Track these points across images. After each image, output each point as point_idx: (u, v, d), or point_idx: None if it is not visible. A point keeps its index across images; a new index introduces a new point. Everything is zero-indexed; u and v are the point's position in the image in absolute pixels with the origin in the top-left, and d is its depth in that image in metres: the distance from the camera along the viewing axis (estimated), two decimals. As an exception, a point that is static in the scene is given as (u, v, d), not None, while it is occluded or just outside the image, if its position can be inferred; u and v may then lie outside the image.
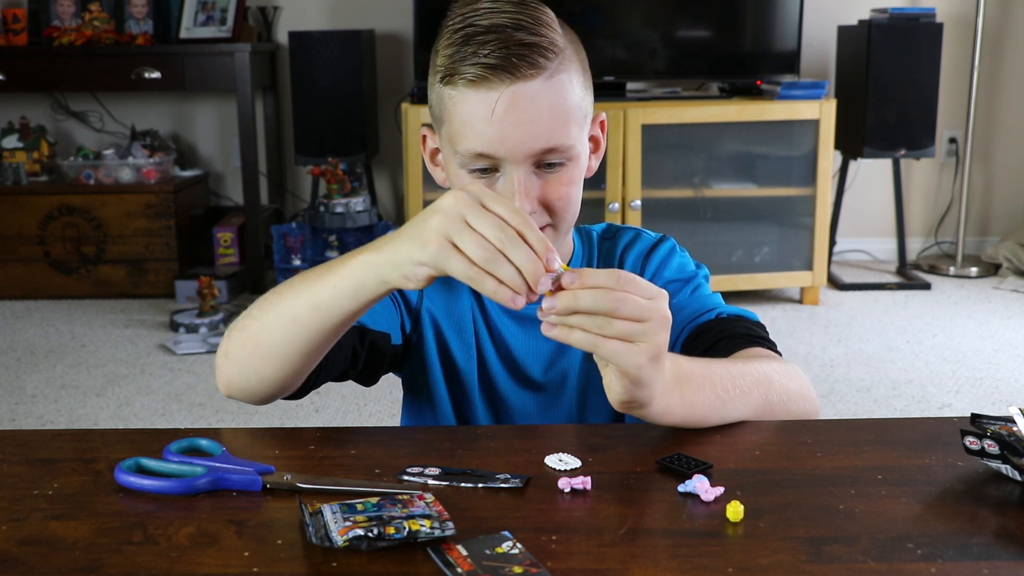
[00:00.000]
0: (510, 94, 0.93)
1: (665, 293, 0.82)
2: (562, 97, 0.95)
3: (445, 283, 1.08)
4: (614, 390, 0.84)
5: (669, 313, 0.82)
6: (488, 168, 0.97)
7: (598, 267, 1.12)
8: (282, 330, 0.90)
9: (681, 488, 0.77)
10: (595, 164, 1.05)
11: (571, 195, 0.99)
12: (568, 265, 1.07)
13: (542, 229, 0.98)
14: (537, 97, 0.93)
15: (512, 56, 0.92)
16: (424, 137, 1.08)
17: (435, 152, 1.07)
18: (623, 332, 0.79)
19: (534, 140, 0.94)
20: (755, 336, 1.05)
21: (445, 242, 0.78)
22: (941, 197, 4.45)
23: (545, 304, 0.79)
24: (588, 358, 1.07)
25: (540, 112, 0.94)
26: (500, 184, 0.97)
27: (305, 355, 0.91)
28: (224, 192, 4.46)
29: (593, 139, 1.04)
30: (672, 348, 0.98)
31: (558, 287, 0.79)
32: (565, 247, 1.10)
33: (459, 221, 0.77)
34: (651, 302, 0.80)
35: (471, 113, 0.94)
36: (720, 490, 0.77)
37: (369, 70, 4.02)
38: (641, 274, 1.08)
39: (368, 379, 1.07)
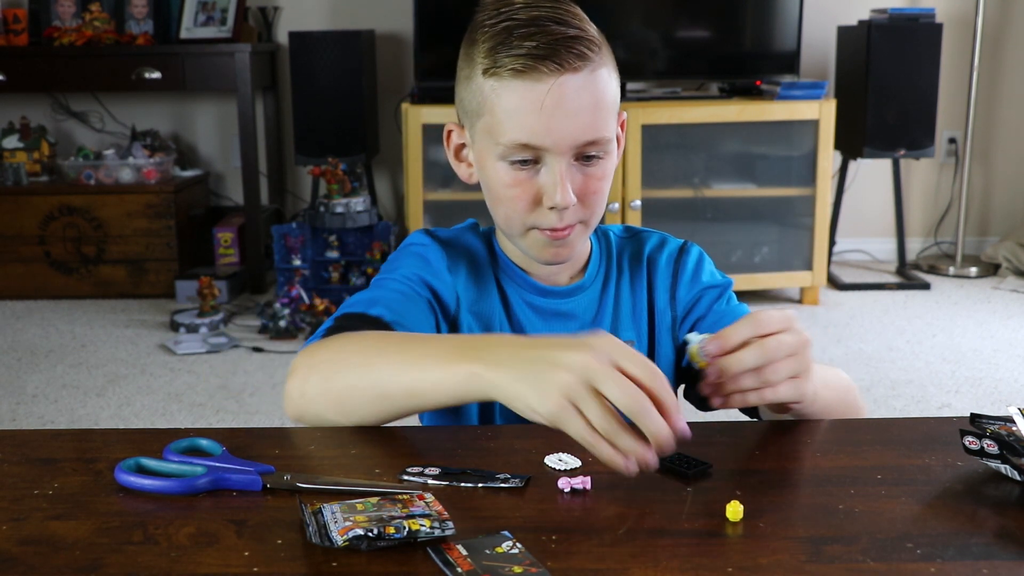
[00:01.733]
0: (559, 85, 0.94)
1: (794, 316, 0.85)
2: (603, 90, 0.97)
3: (474, 280, 1.08)
4: (780, 412, 0.91)
5: (807, 334, 0.85)
6: (529, 160, 0.97)
7: (624, 267, 1.12)
8: (371, 403, 0.88)
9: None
10: (616, 160, 1.06)
11: (604, 190, 1.01)
12: (587, 263, 1.08)
13: (574, 225, 1.00)
14: (583, 89, 0.95)
15: (560, 47, 0.93)
16: (449, 132, 1.07)
17: (460, 148, 1.07)
18: (791, 372, 0.83)
19: (580, 132, 0.95)
20: None
21: (567, 404, 0.74)
22: (941, 197, 4.45)
23: (711, 377, 0.83)
24: None
25: (585, 104, 0.95)
26: (541, 177, 0.98)
27: (386, 422, 0.91)
28: (224, 192, 4.46)
29: (616, 137, 1.05)
30: None
31: (711, 359, 0.83)
32: (583, 246, 1.10)
33: (586, 387, 0.73)
34: (793, 334, 0.83)
35: (518, 104, 0.95)
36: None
37: (369, 70, 4.02)
38: (675, 279, 1.11)
39: None
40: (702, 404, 1.08)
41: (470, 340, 0.88)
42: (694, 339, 0.86)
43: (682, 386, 1.13)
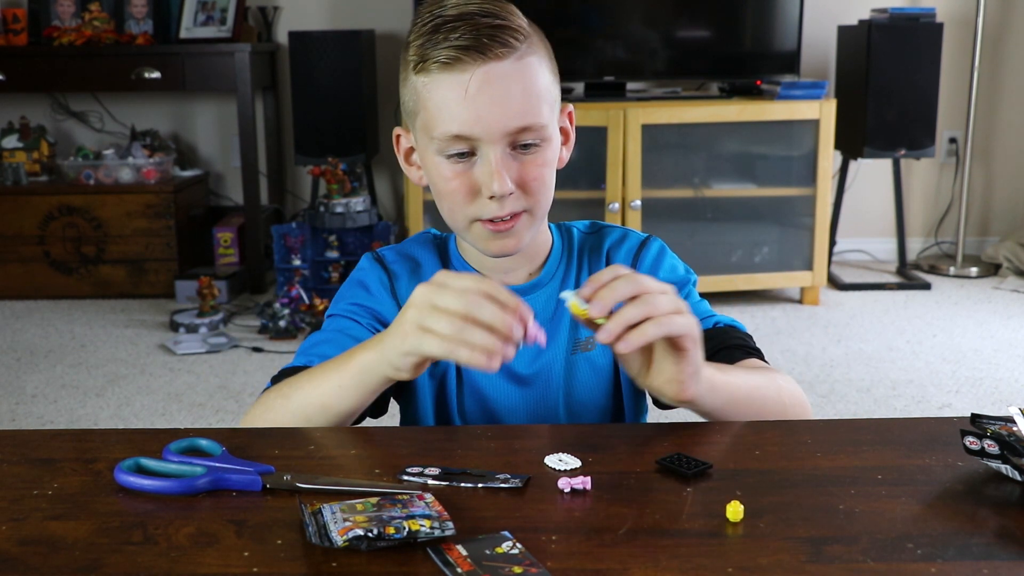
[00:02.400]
0: (482, 73, 0.95)
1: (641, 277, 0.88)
2: (532, 78, 0.98)
3: (415, 278, 1.09)
4: (680, 369, 0.89)
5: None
6: (465, 153, 0.98)
7: (584, 263, 1.12)
8: (300, 425, 0.95)
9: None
10: (566, 156, 1.08)
11: (545, 177, 1.01)
12: (547, 258, 1.08)
13: (519, 215, 1.01)
14: (509, 76, 0.96)
15: (483, 37, 0.95)
16: (398, 137, 1.09)
17: (409, 152, 1.08)
18: (671, 305, 0.86)
19: (509, 118, 0.96)
20: (750, 348, 1.08)
21: (417, 329, 0.84)
22: (941, 197, 4.45)
23: (594, 312, 0.85)
24: (572, 352, 1.08)
25: (513, 91, 0.96)
26: (477, 168, 0.99)
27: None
28: (224, 192, 4.46)
29: (563, 130, 1.06)
30: None
31: (591, 323, 0.85)
32: (543, 240, 1.10)
33: (427, 307, 0.84)
34: (647, 278, 0.87)
35: (445, 96, 0.97)
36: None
37: (369, 70, 4.02)
38: None
39: (380, 411, 1.08)
40: (665, 403, 1.08)
41: (364, 344, 0.95)
42: (569, 296, 0.87)
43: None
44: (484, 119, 0.96)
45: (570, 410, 1.09)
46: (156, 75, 3.86)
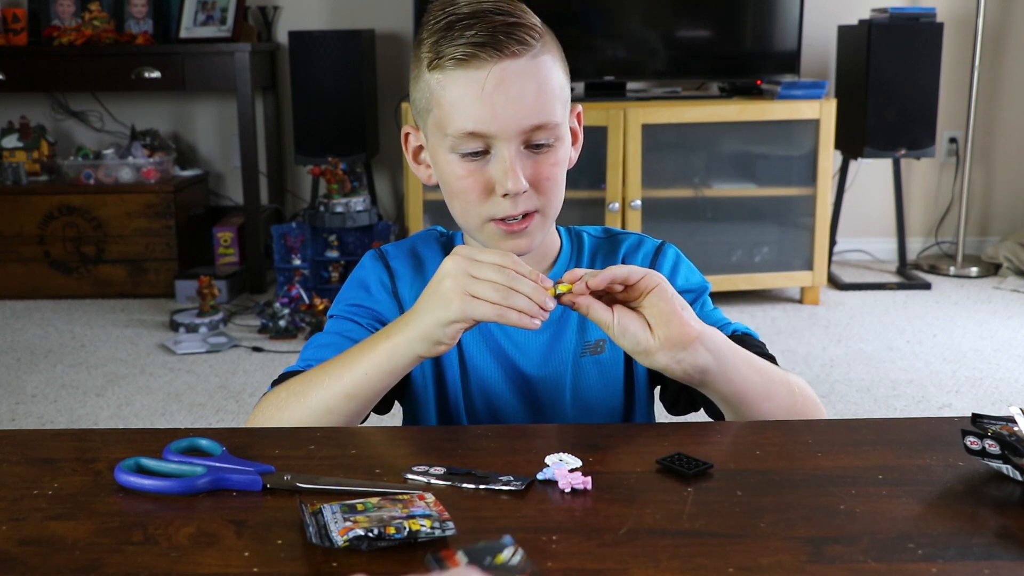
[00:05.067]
0: (499, 70, 0.95)
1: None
2: (547, 76, 0.98)
3: (419, 276, 1.09)
4: (667, 308, 0.91)
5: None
6: (479, 151, 0.98)
7: (595, 266, 1.12)
8: (320, 421, 0.95)
9: (540, 476, 0.80)
10: (575, 156, 1.07)
11: (558, 176, 1.01)
12: (556, 260, 1.09)
13: (532, 215, 1.01)
14: (524, 74, 0.96)
15: (499, 34, 0.95)
16: (407, 135, 1.09)
17: (418, 150, 1.08)
18: (648, 284, 0.90)
19: (524, 116, 0.96)
20: (766, 356, 1.07)
21: (465, 295, 0.88)
22: (941, 197, 4.45)
23: (578, 289, 0.90)
24: (581, 354, 1.08)
25: (528, 88, 0.96)
26: (491, 166, 0.98)
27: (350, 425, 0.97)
28: (224, 192, 4.46)
29: (571, 131, 1.06)
30: None
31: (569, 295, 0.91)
32: (551, 242, 1.11)
33: (467, 276, 0.88)
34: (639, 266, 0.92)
35: (461, 93, 0.96)
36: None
37: (369, 70, 4.02)
38: None
39: (385, 408, 1.08)
40: (674, 407, 1.09)
41: (384, 330, 0.95)
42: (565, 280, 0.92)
43: (657, 388, 1.13)
44: (500, 116, 0.96)
45: (578, 412, 1.08)
46: (156, 75, 3.86)
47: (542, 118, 0.97)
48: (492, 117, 0.96)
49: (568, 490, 0.78)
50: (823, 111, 3.59)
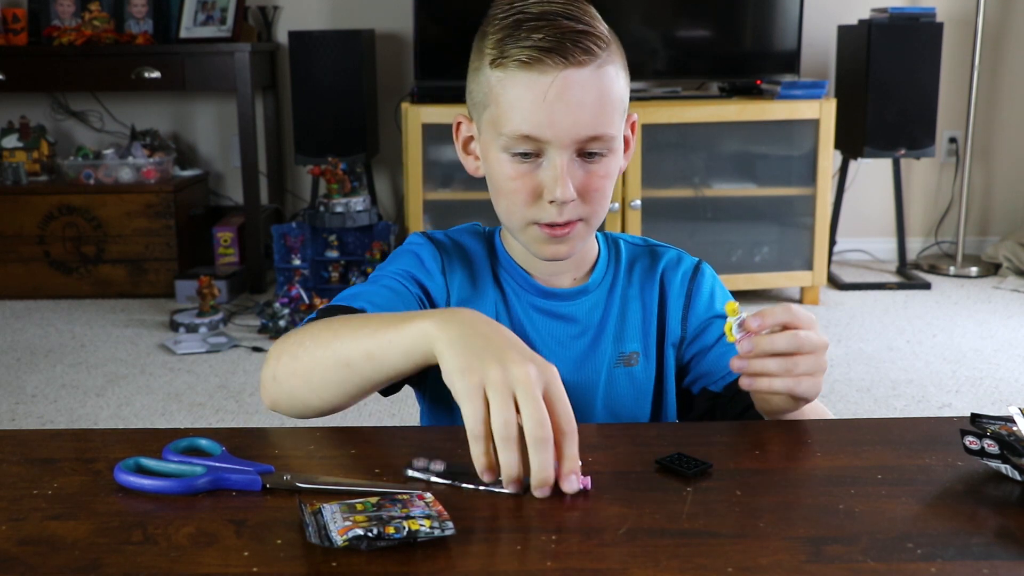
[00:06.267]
0: (563, 78, 0.94)
1: (814, 318, 0.89)
2: (609, 87, 0.97)
3: (470, 280, 1.08)
4: (783, 408, 0.92)
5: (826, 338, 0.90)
6: (530, 153, 0.97)
7: (633, 276, 1.11)
8: (334, 371, 0.89)
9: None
10: (625, 164, 1.06)
11: (606, 188, 1.00)
12: (593, 267, 1.08)
13: (575, 223, 1.00)
14: (587, 84, 0.95)
15: (566, 41, 0.94)
16: (459, 124, 1.08)
17: (468, 140, 1.07)
18: (811, 368, 0.87)
19: (582, 126, 0.96)
20: None
21: (482, 392, 0.76)
22: (941, 197, 4.45)
23: (743, 349, 0.87)
24: (615, 364, 1.07)
25: (589, 99, 0.95)
26: (542, 171, 0.98)
27: (353, 396, 0.92)
28: (224, 192, 4.46)
29: (624, 138, 1.05)
30: (723, 381, 1.06)
31: (744, 333, 0.88)
32: (589, 248, 1.10)
33: (508, 391, 0.75)
34: (817, 334, 0.88)
35: (521, 95, 0.95)
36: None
37: (369, 70, 4.02)
38: (689, 299, 1.10)
39: (392, 390, 1.05)
40: (711, 413, 1.08)
41: (435, 310, 0.92)
42: (732, 319, 0.90)
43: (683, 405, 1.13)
44: (557, 124, 0.95)
45: (606, 422, 1.08)
46: (156, 75, 3.86)
47: (599, 130, 0.96)
48: (549, 124, 0.95)
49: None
50: (823, 111, 3.59)
